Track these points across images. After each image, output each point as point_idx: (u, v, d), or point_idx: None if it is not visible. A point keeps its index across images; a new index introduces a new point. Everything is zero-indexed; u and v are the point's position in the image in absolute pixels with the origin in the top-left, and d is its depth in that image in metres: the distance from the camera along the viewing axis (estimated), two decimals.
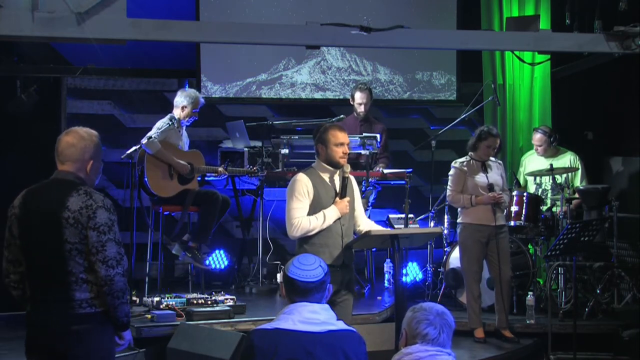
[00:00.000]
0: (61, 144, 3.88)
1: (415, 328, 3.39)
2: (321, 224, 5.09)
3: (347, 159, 5.23)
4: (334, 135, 5.19)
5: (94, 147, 3.91)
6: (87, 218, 3.72)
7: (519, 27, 5.55)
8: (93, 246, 3.72)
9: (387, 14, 8.65)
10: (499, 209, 6.88)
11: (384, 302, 7.23)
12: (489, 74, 8.98)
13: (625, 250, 8.16)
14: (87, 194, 3.78)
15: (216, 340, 5.70)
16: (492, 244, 6.86)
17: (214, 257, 8.36)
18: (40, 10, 4.55)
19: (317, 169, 5.26)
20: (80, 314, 3.76)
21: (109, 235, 3.75)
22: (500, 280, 6.88)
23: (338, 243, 5.16)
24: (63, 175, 3.85)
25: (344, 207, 5.14)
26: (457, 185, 7.00)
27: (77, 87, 8.44)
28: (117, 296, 3.77)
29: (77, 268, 3.75)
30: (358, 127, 8.01)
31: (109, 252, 3.73)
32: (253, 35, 5.24)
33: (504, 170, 7.18)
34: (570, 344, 6.56)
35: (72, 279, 3.75)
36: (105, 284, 3.74)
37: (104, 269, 3.72)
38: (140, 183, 6.86)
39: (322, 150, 5.22)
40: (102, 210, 3.76)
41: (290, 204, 5.13)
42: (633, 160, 8.93)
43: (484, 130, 6.97)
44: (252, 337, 3.56)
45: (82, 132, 3.91)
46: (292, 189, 5.15)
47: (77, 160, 3.86)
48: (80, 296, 3.76)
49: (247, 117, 8.44)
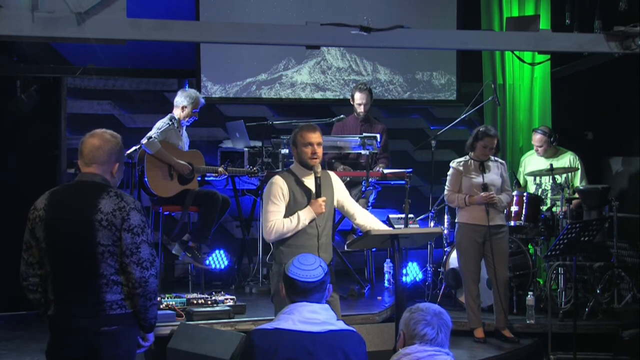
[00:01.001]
0: (86, 146, 3.85)
1: (413, 329, 3.39)
2: (295, 225, 5.08)
3: (319, 159, 5.18)
4: (302, 135, 5.19)
5: (119, 150, 3.91)
6: (122, 220, 3.71)
7: (519, 27, 5.54)
8: (127, 248, 3.71)
9: (387, 14, 8.66)
10: (494, 209, 6.87)
11: (384, 302, 7.23)
12: (489, 74, 8.98)
13: (625, 250, 8.16)
14: (118, 196, 3.76)
15: (216, 340, 5.70)
16: (488, 244, 6.87)
17: (214, 257, 8.35)
18: (40, 10, 4.55)
19: (293, 170, 5.27)
20: (111, 315, 3.75)
21: (143, 236, 3.75)
22: (496, 280, 6.88)
23: (314, 244, 5.14)
24: (89, 177, 3.83)
25: (318, 208, 5.11)
26: (453, 184, 7.01)
27: (77, 87, 8.44)
28: (149, 297, 3.77)
29: (109, 270, 3.74)
30: (359, 127, 8.01)
31: (143, 253, 3.74)
32: (253, 35, 5.24)
33: (505, 170, 7.17)
34: (570, 344, 6.56)
35: (103, 281, 3.73)
36: (139, 286, 3.73)
37: (139, 270, 3.72)
38: (140, 183, 6.86)
39: (294, 152, 5.25)
40: (135, 212, 3.76)
41: (265, 207, 5.14)
42: (633, 160, 8.94)
43: (480, 130, 6.97)
44: (252, 337, 3.56)
45: (108, 135, 3.90)
46: (268, 192, 5.16)
47: (103, 163, 3.84)
48: (111, 298, 3.75)
49: (247, 117, 8.44)
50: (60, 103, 8.35)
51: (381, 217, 8.09)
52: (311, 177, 5.18)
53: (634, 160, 8.90)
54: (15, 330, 6.57)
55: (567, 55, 8.51)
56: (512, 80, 9.03)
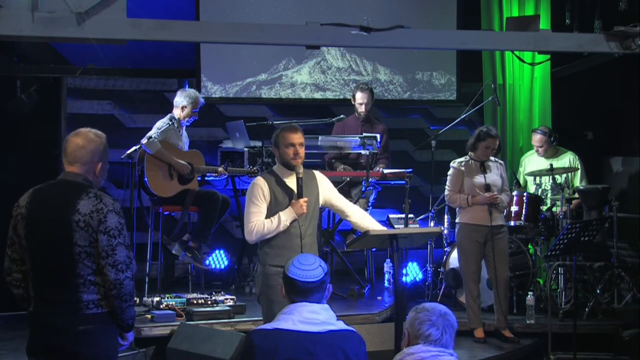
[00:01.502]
0: (70, 145, 3.84)
1: (418, 329, 3.39)
2: (276, 226, 5.08)
3: (301, 159, 5.16)
4: (283, 136, 5.18)
5: (103, 150, 3.89)
6: (98, 222, 3.71)
7: (519, 27, 5.54)
8: (103, 250, 3.71)
9: (387, 14, 8.66)
10: (496, 210, 6.89)
11: (384, 302, 7.23)
12: (489, 74, 8.98)
13: (625, 250, 8.16)
14: (97, 197, 3.75)
15: (216, 340, 5.71)
16: (489, 244, 6.87)
17: (214, 257, 8.35)
18: (40, 10, 4.54)
19: (276, 171, 5.26)
20: (87, 315, 3.75)
21: (119, 239, 3.74)
22: (496, 280, 6.88)
23: (297, 245, 5.13)
24: (72, 177, 3.82)
25: (299, 208, 5.10)
26: (454, 185, 7.01)
27: (77, 87, 8.44)
28: (125, 299, 3.77)
29: (86, 270, 3.73)
30: (359, 128, 8.01)
31: (119, 256, 3.73)
32: (253, 35, 5.23)
33: (504, 170, 7.18)
34: (570, 344, 6.56)
35: (80, 281, 3.73)
36: (114, 288, 3.73)
37: (114, 272, 3.71)
38: (140, 183, 6.86)
39: (276, 153, 5.24)
40: (113, 214, 3.74)
41: (247, 209, 5.15)
42: (633, 160, 8.94)
43: (482, 130, 6.98)
44: (252, 337, 3.56)
45: (92, 134, 3.88)
46: (249, 193, 5.17)
47: (86, 163, 3.83)
48: (87, 297, 3.75)
49: (247, 117, 8.44)
50: (60, 103, 8.35)
51: (381, 217, 8.12)
52: (293, 177, 5.18)
53: (634, 160, 8.90)
54: (15, 330, 6.56)
55: (567, 55, 8.51)
56: (512, 80, 9.03)
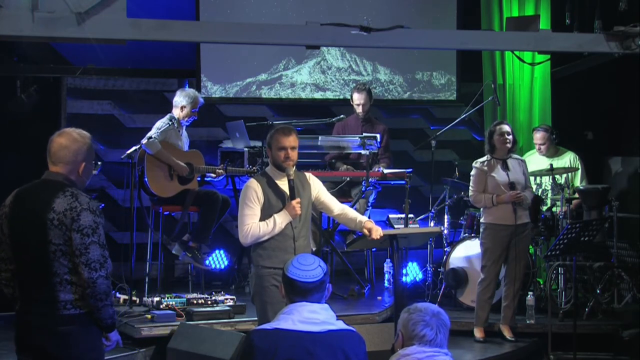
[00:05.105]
0: (53, 145, 3.88)
1: (412, 329, 3.38)
2: (271, 229, 5.10)
3: (293, 162, 5.18)
4: (276, 139, 5.19)
5: (86, 150, 3.90)
6: (71, 220, 3.71)
7: (519, 27, 5.53)
8: (76, 248, 3.71)
9: (387, 14, 8.65)
10: (520, 208, 6.86)
11: (384, 302, 7.23)
12: (489, 74, 8.98)
13: (625, 250, 8.15)
14: (73, 195, 3.76)
15: (216, 340, 5.71)
16: (513, 243, 6.85)
17: (214, 257, 8.35)
18: (40, 10, 4.54)
19: (268, 172, 5.28)
20: (65, 315, 3.76)
21: (93, 237, 3.73)
22: (515, 277, 6.88)
23: (290, 246, 5.15)
24: (53, 176, 3.85)
25: (292, 210, 5.13)
26: (478, 185, 6.97)
27: (77, 87, 8.43)
28: (99, 298, 3.76)
29: (62, 269, 3.75)
30: (360, 128, 8.00)
31: (92, 254, 3.72)
32: (253, 35, 5.23)
33: (526, 167, 7.15)
34: (570, 344, 6.56)
35: (56, 279, 3.75)
36: (88, 286, 3.73)
37: (87, 271, 3.71)
38: (140, 183, 6.86)
39: (269, 154, 5.25)
40: (87, 212, 3.74)
41: (241, 211, 5.16)
42: (633, 160, 8.94)
43: (491, 126, 7.03)
44: (252, 337, 3.56)
45: (75, 134, 3.90)
46: (243, 195, 5.18)
47: (69, 162, 3.86)
48: (64, 297, 3.75)
49: (247, 117, 8.43)
50: (60, 103, 8.35)
51: (381, 217, 8.13)
52: (285, 179, 5.19)
53: (634, 160, 8.89)
54: (14, 330, 6.55)
55: (567, 55, 8.51)
56: (512, 80, 9.02)
